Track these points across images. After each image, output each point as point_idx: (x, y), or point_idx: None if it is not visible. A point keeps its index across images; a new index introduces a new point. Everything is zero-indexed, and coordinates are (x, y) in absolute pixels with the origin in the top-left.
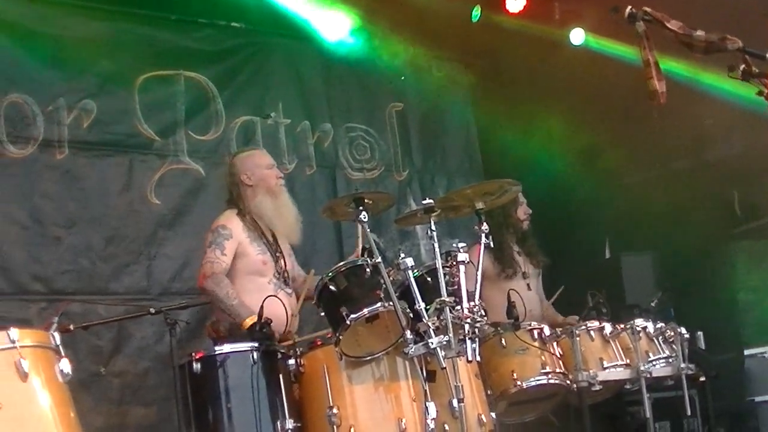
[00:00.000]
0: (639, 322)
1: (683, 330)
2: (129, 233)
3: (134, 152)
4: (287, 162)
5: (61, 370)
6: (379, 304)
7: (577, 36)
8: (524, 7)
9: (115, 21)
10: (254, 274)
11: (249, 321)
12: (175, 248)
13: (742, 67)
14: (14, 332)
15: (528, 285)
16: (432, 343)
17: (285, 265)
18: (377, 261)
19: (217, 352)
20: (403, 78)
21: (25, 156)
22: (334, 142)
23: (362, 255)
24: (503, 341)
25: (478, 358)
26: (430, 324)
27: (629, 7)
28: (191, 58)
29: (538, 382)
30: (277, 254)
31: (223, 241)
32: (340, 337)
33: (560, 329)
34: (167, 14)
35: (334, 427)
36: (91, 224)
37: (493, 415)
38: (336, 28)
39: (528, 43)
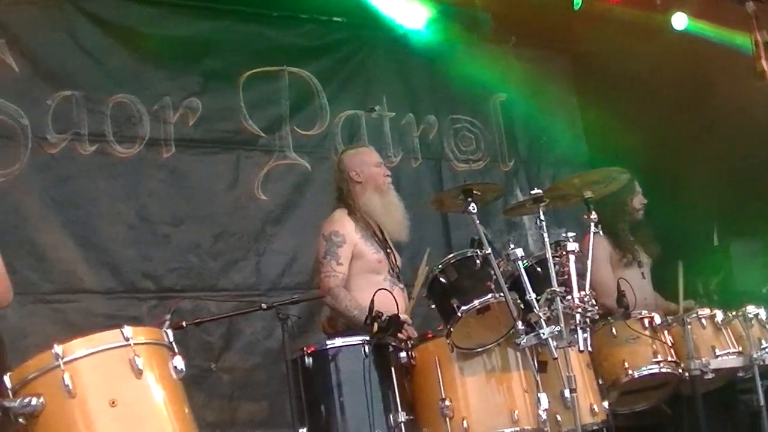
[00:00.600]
0: (751, 308)
1: None
2: (237, 230)
3: (240, 149)
4: (392, 155)
5: (175, 367)
6: (490, 296)
7: (680, 21)
8: None
9: (218, 19)
10: (370, 273)
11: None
12: (283, 243)
13: None
14: (128, 330)
15: (642, 274)
16: (543, 334)
17: (396, 261)
18: (487, 252)
19: (328, 346)
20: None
21: (132, 155)
22: (439, 134)
23: (472, 246)
24: (614, 330)
25: (590, 348)
26: (541, 314)
27: None
28: (294, 54)
29: (650, 371)
30: (388, 251)
31: (337, 250)
32: (452, 330)
33: (671, 317)
34: (270, 11)
35: (447, 419)
36: (199, 221)
37: (605, 404)
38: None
39: (630, 29)
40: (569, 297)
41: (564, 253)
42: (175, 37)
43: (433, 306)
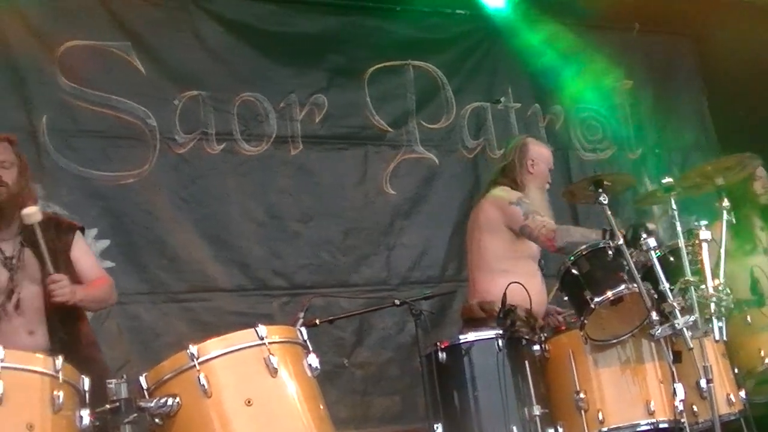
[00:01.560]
0: None
1: None
2: (366, 225)
3: (368, 144)
4: None
5: (310, 365)
6: (623, 286)
7: None
8: None
9: (342, 15)
10: (530, 258)
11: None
12: (413, 237)
13: None
14: (262, 329)
15: None
16: (678, 324)
17: None
18: (619, 243)
19: (461, 341)
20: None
21: (260, 153)
22: (566, 124)
23: (603, 237)
24: (749, 318)
25: (725, 338)
26: (675, 304)
27: None
28: (418, 48)
29: None
30: None
31: (533, 208)
32: (585, 321)
33: None
34: (393, 5)
35: (582, 411)
36: (328, 218)
37: (742, 394)
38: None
39: (755, 12)
40: (703, 286)
41: (697, 241)
42: (299, 34)
43: (566, 298)
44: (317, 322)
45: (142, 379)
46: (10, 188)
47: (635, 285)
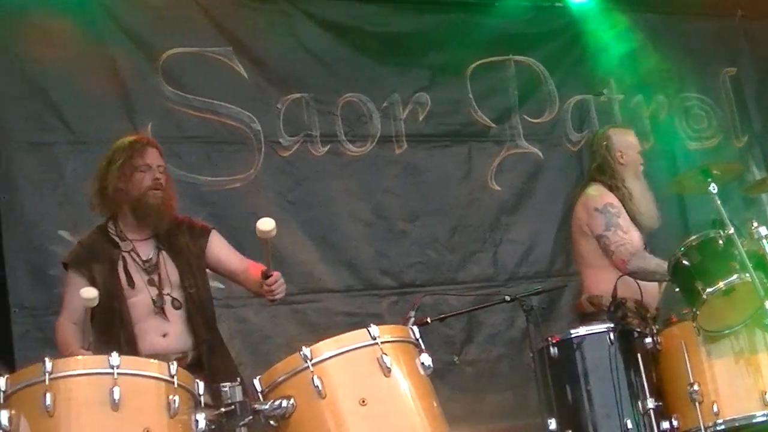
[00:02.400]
0: None
1: None
2: (473, 221)
3: (472, 140)
4: None
5: (422, 363)
6: (735, 276)
7: None
8: None
9: (441, 12)
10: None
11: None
12: (519, 233)
13: None
14: (375, 329)
15: None
16: None
17: None
18: (730, 232)
19: (573, 335)
20: None
21: (365, 153)
22: (670, 114)
23: (713, 227)
24: None
25: None
26: None
27: None
28: (519, 42)
29: None
30: None
31: (618, 220)
32: (698, 312)
33: None
34: (491, 0)
35: (696, 404)
36: (434, 215)
37: None
38: None
39: None
40: None
41: None
42: (400, 33)
43: (677, 289)
44: (428, 320)
45: (256, 382)
46: (165, 192)
47: (747, 274)
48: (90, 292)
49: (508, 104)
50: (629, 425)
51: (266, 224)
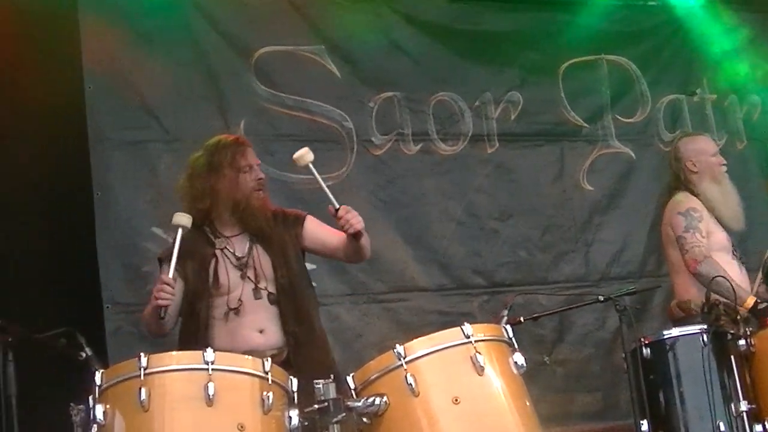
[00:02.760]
0: None
1: None
2: (564, 221)
3: (564, 140)
4: (716, 138)
5: (516, 362)
6: None
7: None
8: None
9: (534, 11)
10: (722, 251)
11: (750, 300)
12: (611, 233)
13: None
14: (468, 327)
15: None
16: None
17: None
18: None
19: (665, 336)
20: None
21: (456, 152)
22: (764, 113)
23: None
24: None
25: None
26: None
27: None
28: (611, 41)
29: None
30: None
31: (698, 224)
32: None
33: None
34: None
35: None
36: (526, 215)
37: None
38: None
39: None
40: None
41: None
42: (492, 32)
43: None
44: (521, 319)
45: (350, 379)
46: (264, 191)
47: None
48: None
49: (601, 104)
50: (722, 428)
51: (301, 155)
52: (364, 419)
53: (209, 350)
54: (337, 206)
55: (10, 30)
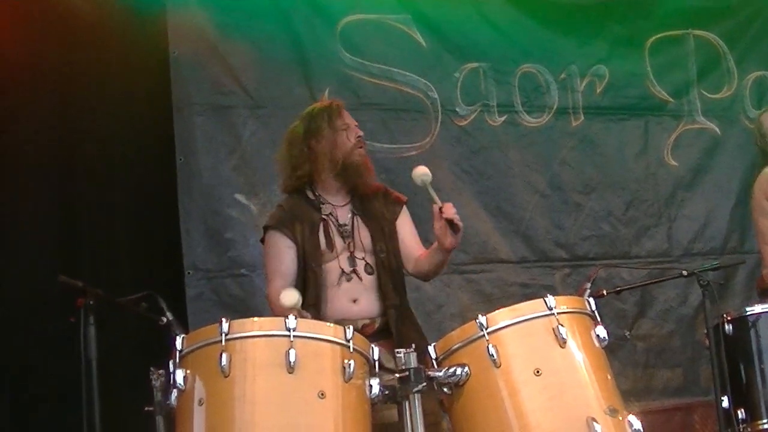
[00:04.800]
0: None
1: None
2: (648, 196)
3: (649, 115)
4: None
5: (598, 335)
6: None
7: None
8: None
9: None
10: None
11: None
12: (695, 209)
13: None
14: (551, 299)
15: None
16: None
17: None
18: None
19: (748, 313)
20: None
21: (541, 124)
22: None
23: None
24: None
25: None
26: None
27: None
28: (699, 17)
29: None
30: None
31: None
32: None
33: None
34: None
35: None
36: (610, 189)
37: None
38: None
39: None
40: None
41: None
42: (580, 4)
43: None
44: (604, 292)
45: (431, 349)
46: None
47: None
48: (292, 297)
49: (687, 79)
50: None
51: (418, 173)
52: (445, 389)
53: (291, 317)
54: (440, 204)
55: None
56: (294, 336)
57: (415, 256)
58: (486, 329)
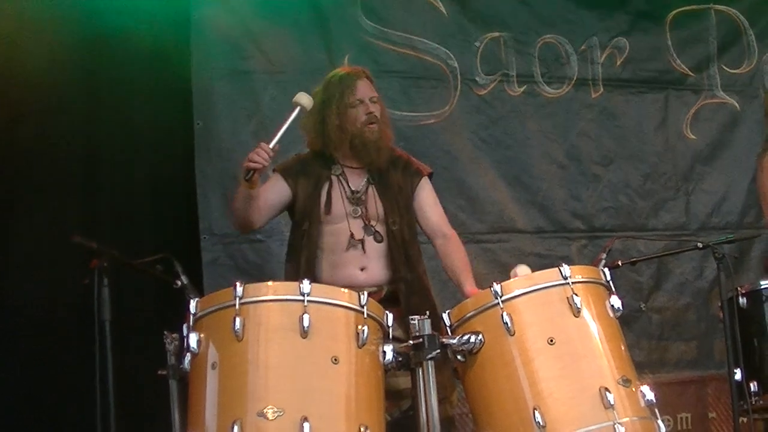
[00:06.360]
0: None
1: None
2: (666, 169)
3: (669, 88)
4: None
5: (612, 306)
6: None
7: None
8: None
9: None
10: None
11: None
12: (713, 183)
13: None
14: (566, 269)
15: None
16: None
17: None
18: None
19: (762, 287)
20: None
21: (561, 95)
22: None
23: None
24: None
25: None
26: None
27: None
28: None
29: None
30: None
31: None
32: None
33: None
34: None
35: None
36: (628, 161)
37: None
38: None
39: None
40: None
41: None
42: None
43: None
44: (619, 263)
45: (446, 316)
46: (380, 123)
47: None
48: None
49: (708, 53)
50: None
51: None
52: (459, 357)
53: (305, 281)
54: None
55: None
56: (308, 301)
57: (431, 233)
58: (500, 297)
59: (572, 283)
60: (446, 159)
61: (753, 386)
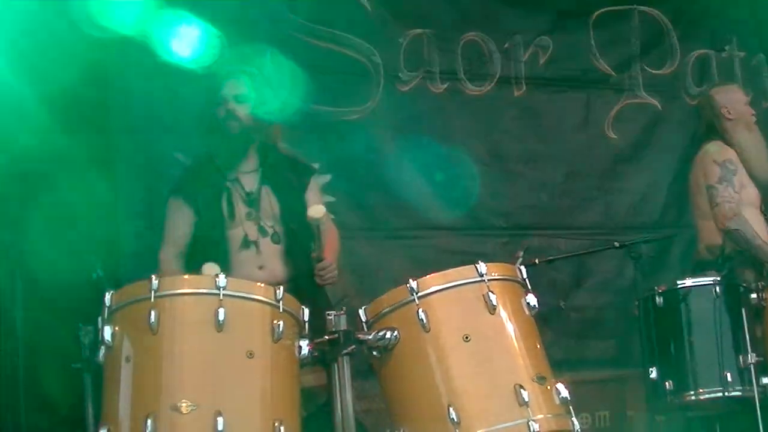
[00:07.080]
0: None
1: None
2: (587, 168)
3: (591, 87)
4: None
5: (528, 304)
6: None
7: None
8: None
9: None
10: (751, 206)
11: None
12: (633, 182)
13: None
14: (482, 266)
15: None
16: None
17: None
18: None
19: (679, 286)
20: None
21: (483, 93)
22: None
23: None
24: None
25: None
26: None
27: None
28: None
29: None
30: None
31: (732, 177)
32: None
33: None
34: None
35: None
36: (549, 160)
37: None
38: None
39: None
40: None
41: None
42: None
43: None
44: (537, 261)
45: (362, 312)
46: (242, 122)
47: None
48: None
49: (630, 53)
50: (729, 378)
51: (316, 211)
52: (374, 353)
53: (221, 276)
54: (323, 257)
55: None
56: (224, 295)
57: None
58: (416, 293)
59: (488, 280)
60: (368, 155)
61: (668, 384)
